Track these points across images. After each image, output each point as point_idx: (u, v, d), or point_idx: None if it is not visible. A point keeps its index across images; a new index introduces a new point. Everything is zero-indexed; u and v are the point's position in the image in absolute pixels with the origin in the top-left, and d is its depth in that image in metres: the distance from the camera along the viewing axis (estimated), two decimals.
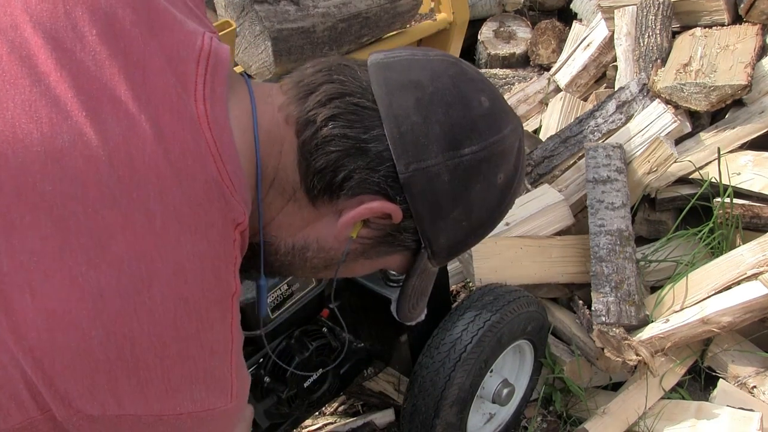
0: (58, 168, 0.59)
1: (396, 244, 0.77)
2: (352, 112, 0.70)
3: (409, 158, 0.69)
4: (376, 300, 1.33)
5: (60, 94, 0.61)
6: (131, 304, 0.59)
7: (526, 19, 3.20)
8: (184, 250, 0.62)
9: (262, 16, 1.61)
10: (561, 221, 1.78)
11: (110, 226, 0.60)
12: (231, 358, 0.68)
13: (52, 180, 0.59)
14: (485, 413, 1.58)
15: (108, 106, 0.62)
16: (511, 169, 0.76)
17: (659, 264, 1.75)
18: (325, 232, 0.75)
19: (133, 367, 0.60)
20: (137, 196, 0.61)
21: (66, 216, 0.59)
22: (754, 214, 1.68)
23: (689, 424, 1.46)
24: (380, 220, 0.73)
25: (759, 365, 1.57)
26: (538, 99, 2.71)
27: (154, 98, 0.64)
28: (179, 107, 0.65)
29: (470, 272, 1.62)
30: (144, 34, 0.67)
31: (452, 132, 0.70)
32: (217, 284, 0.65)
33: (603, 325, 1.52)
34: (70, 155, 0.60)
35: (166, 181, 0.62)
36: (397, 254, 0.79)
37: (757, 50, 1.86)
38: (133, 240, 0.60)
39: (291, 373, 1.27)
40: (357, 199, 0.71)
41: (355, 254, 0.78)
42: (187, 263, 0.62)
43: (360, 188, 0.70)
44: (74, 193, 0.59)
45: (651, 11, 2.10)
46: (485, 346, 1.33)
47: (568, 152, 2.02)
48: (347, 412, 1.74)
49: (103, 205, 0.60)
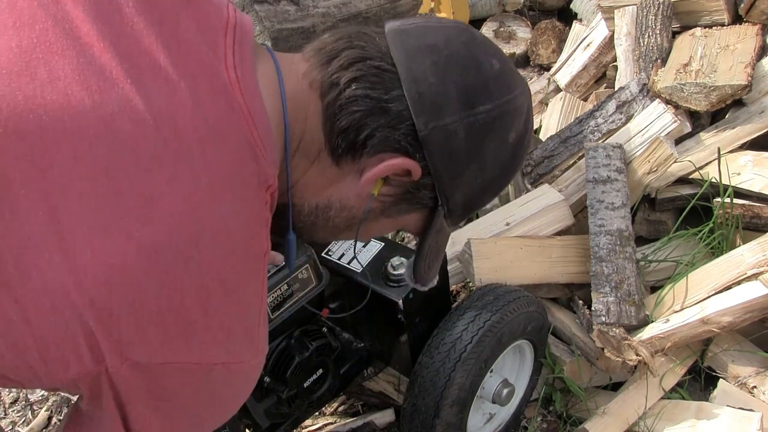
0: (110, 132, 0.63)
1: (414, 202, 0.81)
2: (373, 75, 0.73)
3: (427, 117, 0.73)
4: (376, 300, 1.33)
5: (105, 64, 0.65)
6: (182, 258, 0.64)
7: (526, 19, 3.20)
8: (228, 208, 0.66)
9: (262, 16, 1.61)
10: (561, 221, 1.78)
11: (160, 184, 0.64)
12: (261, 316, 0.73)
13: (105, 143, 0.63)
14: (485, 413, 1.58)
15: (149, 74, 0.66)
16: (522, 128, 0.80)
17: (659, 264, 1.75)
18: (347, 191, 0.79)
19: (182, 318, 0.65)
20: (182, 157, 0.65)
21: (119, 176, 0.63)
22: (754, 214, 1.68)
23: (689, 424, 1.46)
24: (400, 177, 0.77)
25: (759, 365, 1.57)
26: (538, 99, 2.71)
27: (190, 66, 0.68)
28: (213, 75, 0.69)
29: (470, 272, 1.62)
30: (177, 5, 0.71)
31: (467, 92, 0.75)
32: (255, 241, 0.70)
33: (603, 325, 1.52)
34: (120, 120, 0.64)
35: (207, 144, 0.66)
36: (415, 213, 0.83)
37: (757, 50, 1.86)
38: (181, 198, 0.64)
39: (291, 373, 1.27)
40: (378, 157, 0.75)
41: (376, 213, 0.82)
42: (231, 220, 0.67)
43: (381, 146, 0.74)
44: (125, 154, 0.63)
45: (651, 11, 2.10)
46: (485, 346, 1.33)
47: (568, 152, 2.02)
48: (347, 412, 1.74)
49: (152, 165, 0.64)
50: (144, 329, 0.64)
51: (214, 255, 0.66)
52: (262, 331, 0.74)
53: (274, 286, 1.19)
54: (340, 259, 1.39)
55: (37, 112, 0.62)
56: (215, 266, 0.66)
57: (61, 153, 0.62)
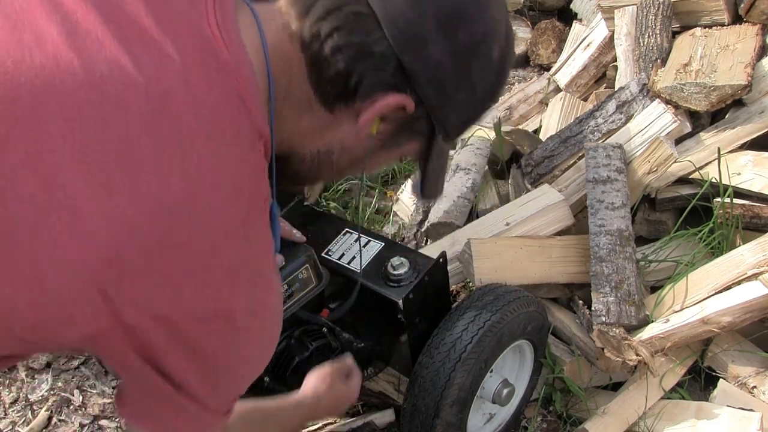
0: (100, 94, 0.64)
1: (412, 132, 0.83)
2: (352, 21, 0.74)
3: (411, 51, 0.74)
4: (376, 300, 1.33)
5: (90, 27, 0.66)
6: (187, 210, 0.65)
7: (526, 19, 3.20)
8: (227, 159, 0.68)
9: None
10: (561, 221, 1.77)
11: (161, 141, 0.65)
12: (271, 257, 0.77)
13: (96, 104, 0.64)
14: (485, 413, 1.58)
15: (134, 35, 0.67)
16: (503, 42, 0.81)
17: (659, 264, 1.75)
18: (346, 134, 0.81)
19: (195, 268, 0.67)
20: (176, 115, 0.66)
21: (114, 137, 0.64)
22: (754, 214, 1.68)
23: (689, 424, 1.46)
24: (395, 113, 0.78)
25: (759, 365, 1.57)
26: (538, 99, 2.70)
27: (175, 25, 0.70)
28: (198, 32, 0.70)
29: (470, 272, 1.62)
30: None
31: (446, 21, 0.75)
32: (257, 188, 0.72)
33: (603, 325, 1.52)
34: (110, 82, 0.65)
35: (200, 100, 0.67)
36: (414, 141, 0.85)
37: (757, 50, 1.86)
38: (181, 152, 0.65)
39: (291, 373, 1.27)
40: (371, 98, 0.76)
41: (377, 149, 0.83)
42: (236, 169, 0.69)
43: (373, 88, 0.75)
44: (119, 116, 0.64)
45: (651, 11, 2.10)
46: (485, 346, 1.33)
47: (568, 152, 2.02)
48: (347, 412, 1.74)
49: (148, 125, 0.65)
50: (158, 282, 0.66)
51: (223, 209, 0.68)
52: (276, 271, 0.78)
53: None
54: (340, 259, 1.39)
55: (28, 75, 0.63)
56: (223, 219, 0.68)
57: (54, 115, 0.63)
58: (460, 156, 2.19)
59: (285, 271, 1.21)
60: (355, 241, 1.43)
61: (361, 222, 2.36)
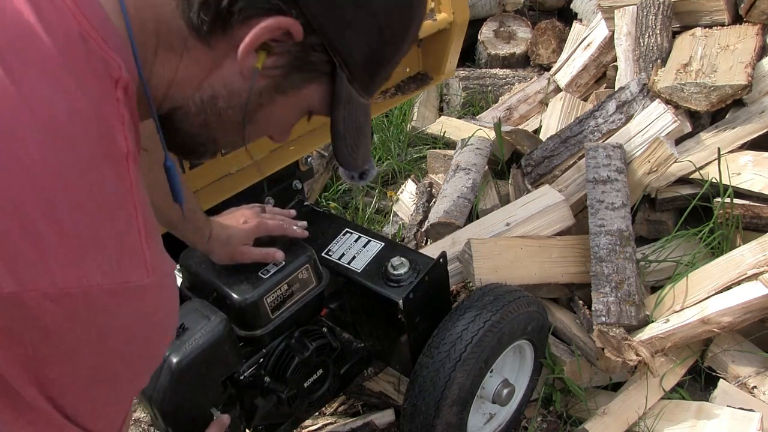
0: None
1: (309, 69, 0.72)
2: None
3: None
4: (376, 300, 1.33)
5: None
6: (1, 159, 0.54)
7: (526, 19, 3.21)
8: (54, 102, 0.58)
9: None
10: (561, 221, 1.78)
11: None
12: (138, 226, 0.62)
13: None
14: (485, 413, 1.58)
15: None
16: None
17: (659, 264, 1.75)
18: (228, 73, 0.70)
19: (23, 232, 0.55)
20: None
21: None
22: (754, 214, 1.68)
23: (689, 424, 1.46)
24: (282, 43, 0.68)
25: (759, 365, 1.57)
26: (538, 99, 2.71)
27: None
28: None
29: (470, 272, 1.62)
30: None
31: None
32: (101, 139, 0.60)
33: (603, 325, 1.52)
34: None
35: (21, 41, 0.58)
36: (314, 83, 0.74)
37: (757, 50, 1.87)
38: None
39: (291, 373, 1.27)
40: (249, 24, 0.66)
41: (269, 91, 0.73)
42: (60, 114, 0.58)
43: (250, 10, 0.65)
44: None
45: (651, 11, 2.10)
46: (485, 346, 1.33)
47: (568, 152, 2.02)
48: (347, 412, 1.74)
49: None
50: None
51: (45, 151, 0.56)
52: (148, 246, 0.63)
53: (274, 285, 1.19)
54: (340, 259, 1.39)
55: None
56: (51, 166, 0.56)
57: None
58: (460, 156, 2.20)
59: (285, 271, 1.21)
60: (356, 241, 1.43)
61: (361, 222, 2.36)
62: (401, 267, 1.32)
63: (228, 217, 1.25)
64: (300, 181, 1.55)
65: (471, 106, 2.97)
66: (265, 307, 1.19)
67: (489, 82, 3.00)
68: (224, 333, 1.11)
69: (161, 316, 0.67)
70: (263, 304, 1.19)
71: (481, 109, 2.91)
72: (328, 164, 2.57)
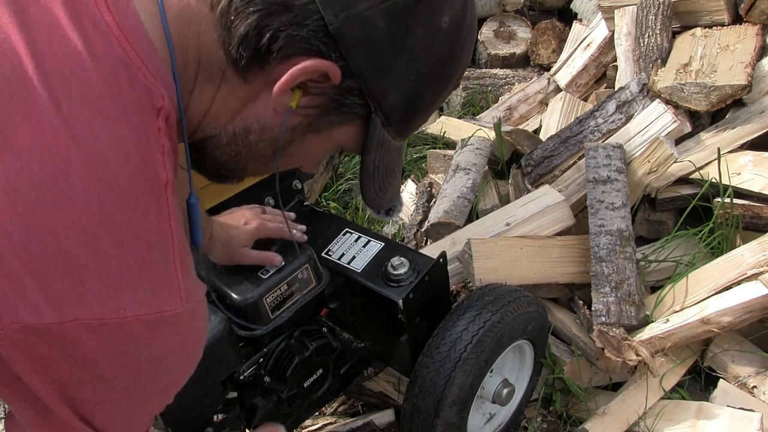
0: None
1: (344, 111, 0.71)
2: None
3: (337, 6, 0.63)
4: (376, 300, 1.33)
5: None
6: (47, 193, 0.56)
7: (526, 19, 3.21)
8: (100, 135, 0.58)
9: None
10: (561, 222, 1.78)
11: (11, 115, 0.56)
12: (174, 256, 0.63)
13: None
14: (485, 413, 1.58)
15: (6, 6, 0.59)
16: (458, 12, 0.70)
17: (659, 264, 1.75)
18: (263, 108, 0.70)
19: (64, 264, 0.57)
20: (37, 83, 0.57)
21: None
22: (754, 214, 1.68)
23: (689, 424, 1.46)
24: (319, 84, 0.68)
25: (759, 365, 1.57)
26: (538, 99, 2.71)
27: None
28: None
29: (470, 272, 1.62)
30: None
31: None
32: (143, 171, 0.61)
33: (603, 325, 1.52)
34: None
35: (67, 68, 0.58)
36: (348, 125, 0.73)
37: (757, 50, 1.87)
38: (39, 127, 0.56)
39: (291, 373, 1.27)
40: (288, 62, 0.65)
41: (302, 129, 0.73)
42: (105, 148, 0.58)
43: (290, 49, 0.65)
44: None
45: (651, 11, 2.10)
46: (485, 346, 1.33)
47: (568, 152, 2.02)
48: (347, 412, 1.74)
49: (5, 98, 0.57)
50: (20, 281, 0.56)
51: (89, 187, 0.57)
52: (182, 275, 0.64)
53: (273, 286, 1.19)
54: (340, 259, 1.39)
55: None
56: (93, 200, 0.57)
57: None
58: (460, 156, 2.19)
59: (285, 271, 1.21)
60: (355, 241, 1.43)
61: (361, 222, 2.36)
62: (401, 267, 1.32)
63: (228, 217, 1.25)
64: (300, 181, 1.55)
65: (471, 106, 2.97)
66: (265, 307, 1.19)
67: (489, 82, 3.00)
68: (224, 333, 1.11)
69: (192, 341, 0.69)
70: (263, 304, 1.19)
71: (481, 109, 2.91)
72: (328, 164, 2.57)
